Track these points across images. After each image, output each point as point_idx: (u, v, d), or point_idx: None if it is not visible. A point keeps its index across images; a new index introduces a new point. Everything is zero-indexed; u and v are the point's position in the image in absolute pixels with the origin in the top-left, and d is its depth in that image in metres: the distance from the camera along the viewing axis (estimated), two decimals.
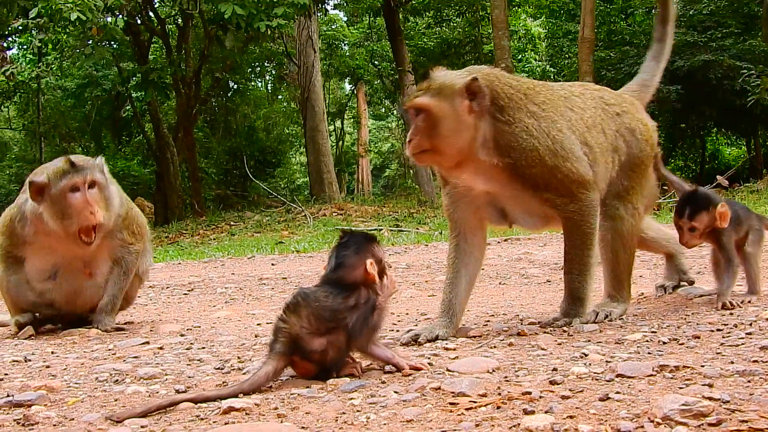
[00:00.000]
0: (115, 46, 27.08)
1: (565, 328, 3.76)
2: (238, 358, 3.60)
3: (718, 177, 16.98)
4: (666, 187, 16.30)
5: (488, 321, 4.35)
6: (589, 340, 3.43)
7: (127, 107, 32.58)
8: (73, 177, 4.61)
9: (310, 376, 3.03)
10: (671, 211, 14.53)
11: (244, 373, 3.25)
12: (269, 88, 42.06)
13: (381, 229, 16.01)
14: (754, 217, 4.42)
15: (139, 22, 24.32)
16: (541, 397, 2.56)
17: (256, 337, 4.20)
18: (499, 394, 2.63)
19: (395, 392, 2.73)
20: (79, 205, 4.57)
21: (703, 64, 23.95)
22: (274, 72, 39.49)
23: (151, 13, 24.54)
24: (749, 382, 2.56)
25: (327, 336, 2.99)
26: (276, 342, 3.01)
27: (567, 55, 31.06)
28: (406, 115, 4.05)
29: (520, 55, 35.95)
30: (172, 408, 2.72)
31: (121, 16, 20.03)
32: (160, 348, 4.02)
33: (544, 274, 6.93)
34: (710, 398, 2.37)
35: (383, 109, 46.17)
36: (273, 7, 20.18)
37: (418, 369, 3.07)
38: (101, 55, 23.37)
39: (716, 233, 4.18)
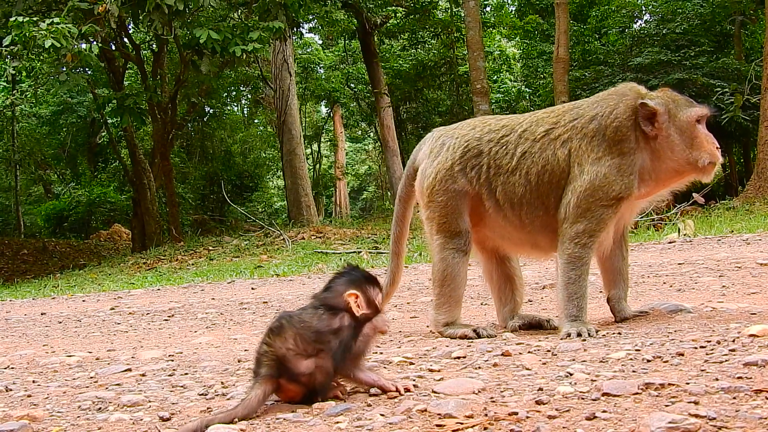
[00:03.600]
0: (89, 72, 27.05)
1: (548, 348, 3.77)
2: (222, 383, 3.57)
3: (694, 195, 17.15)
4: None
5: (472, 341, 4.35)
6: (573, 359, 3.43)
7: (103, 133, 32.51)
8: None
9: (296, 400, 3.01)
10: (648, 229, 14.68)
11: (228, 399, 3.22)
12: (245, 112, 42.12)
13: (360, 252, 16.00)
14: None
15: (113, 48, 24.27)
16: (528, 417, 2.55)
17: (239, 362, 4.17)
18: (486, 414, 2.62)
19: (381, 415, 2.72)
20: None
21: (677, 83, 24.17)
22: (249, 96, 39.57)
23: (125, 39, 24.50)
24: (734, 398, 2.56)
25: (314, 358, 2.98)
26: (261, 366, 2.98)
27: (542, 75, 31.30)
28: None
29: (496, 76, 36.18)
30: None
31: (95, 43, 19.96)
32: (143, 375, 3.98)
33: (525, 294, 6.93)
34: (696, 415, 2.37)
35: (360, 131, 46.31)
36: (248, 31, 20.22)
37: (406, 390, 3.07)
38: (76, 81, 23.31)
39: None
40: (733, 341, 3.48)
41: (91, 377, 4.03)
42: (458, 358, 3.71)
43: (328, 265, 13.66)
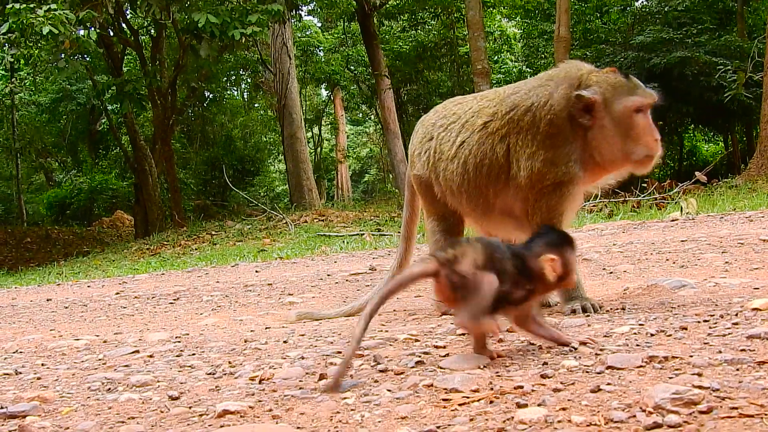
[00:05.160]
0: (88, 59, 26.98)
1: (553, 324, 3.79)
2: (230, 362, 3.61)
3: (696, 173, 17.17)
4: (645, 185, 16.45)
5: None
6: (578, 334, 3.45)
7: (103, 120, 32.49)
8: None
9: (442, 297, 3.17)
10: (650, 208, 14.68)
11: (236, 378, 3.24)
12: (245, 96, 42.03)
13: (363, 234, 16.04)
14: None
15: (111, 34, 24.23)
16: (533, 390, 2.58)
17: (245, 342, 4.20)
18: (492, 389, 2.64)
19: (388, 390, 2.75)
20: None
21: (680, 61, 24.13)
22: (249, 80, 39.46)
23: (123, 25, 24.46)
24: (738, 370, 2.58)
25: (486, 273, 3.06)
26: (441, 251, 3.15)
27: (543, 55, 31.26)
28: None
29: (497, 56, 36.09)
30: None
31: (93, 29, 19.90)
32: (150, 356, 4.01)
33: None
34: (700, 387, 2.39)
35: (360, 114, 46.26)
36: (247, 14, 20.16)
37: (583, 344, 3.18)
38: (75, 68, 23.28)
39: None
40: (736, 315, 3.50)
41: (100, 359, 4.06)
42: (463, 334, 3.74)
43: (331, 247, 13.70)
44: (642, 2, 31.57)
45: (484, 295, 3.04)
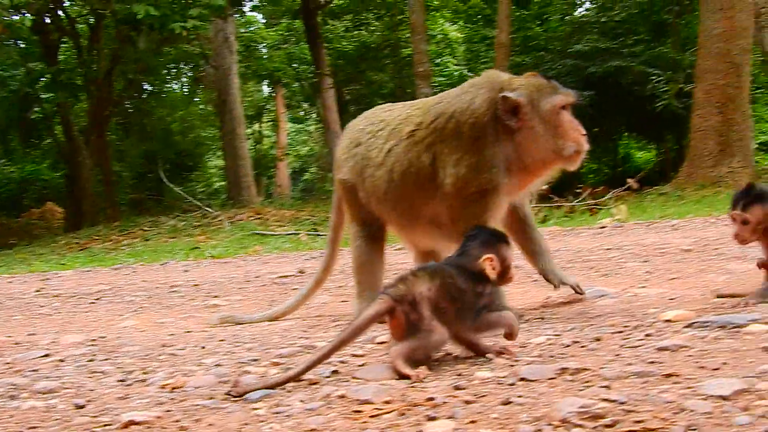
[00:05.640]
0: (22, 45, 26.39)
1: None
2: (143, 369, 3.54)
3: (628, 180, 17.42)
4: (579, 190, 16.68)
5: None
6: (495, 344, 3.46)
7: (36, 109, 31.75)
8: None
9: (396, 335, 3.12)
10: (583, 213, 14.88)
11: (147, 385, 3.18)
12: (185, 90, 41.54)
13: (299, 234, 15.95)
14: None
15: (48, 20, 23.73)
16: (444, 402, 2.57)
17: (162, 346, 4.12)
18: (404, 400, 2.63)
19: (300, 401, 2.72)
20: None
21: (616, 70, 24.55)
22: (190, 74, 39.02)
23: (60, 12, 23.98)
24: (645, 383, 2.61)
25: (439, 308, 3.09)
26: (389, 287, 3.13)
27: (484, 60, 31.45)
28: None
29: (439, 59, 36.21)
30: None
31: (28, 15, 19.49)
32: (61, 360, 3.91)
33: None
34: (607, 400, 2.41)
35: (302, 112, 46.06)
36: (188, 8, 19.93)
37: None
38: (7, 54, 22.78)
39: None
40: (649, 326, 3.55)
41: (8, 363, 3.94)
42: (382, 343, 3.72)
43: (266, 247, 13.60)
44: (581, 12, 32.02)
45: (429, 346, 3.10)
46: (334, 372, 3.13)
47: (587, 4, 32.51)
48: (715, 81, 18.87)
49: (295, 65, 37.17)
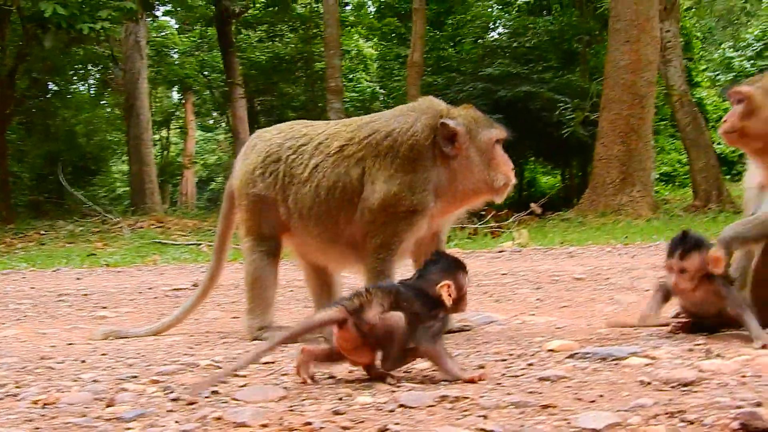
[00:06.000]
0: None
1: None
2: (16, 382, 3.39)
3: (532, 205, 17.71)
4: (484, 213, 16.88)
5: (284, 347, 4.30)
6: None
7: None
8: None
9: (345, 348, 3.16)
10: (485, 236, 15.07)
11: (19, 400, 3.05)
12: (92, 92, 40.67)
13: (200, 245, 15.70)
14: None
15: None
16: (322, 427, 2.53)
17: (41, 359, 3.97)
18: (281, 424, 2.58)
19: (176, 422, 2.64)
20: None
21: (525, 95, 25.02)
22: (98, 76, 38.25)
23: None
24: (522, 413, 2.62)
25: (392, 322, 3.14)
26: (347, 299, 3.20)
27: (397, 78, 31.67)
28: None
29: (352, 75, 36.34)
30: None
31: None
32: None
33: None
34: (483, 429, 2.41)
35: (211, 120, 45.61)
36: (98, 8, 19.52)
37: (480, 379, 3.16)
38: None
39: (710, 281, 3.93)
40: (533, 355, 3.58)
41: None
42: (267, 363, 3.67)
43: (164, 257, 13.34)
44: (494, 36, 32.55)
45: (397, 335, 3.13)
46: (214, 392, 3.05)
47: (500, 29, 33.11)
48: (620, 111, 19.41)
49: (206, 73, 36.81)
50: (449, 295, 3.32)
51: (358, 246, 4.50)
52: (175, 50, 38.77)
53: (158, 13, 33.52)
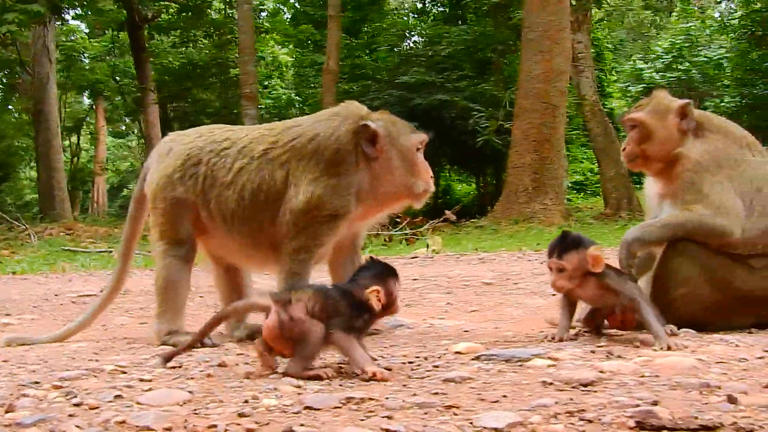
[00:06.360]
0: None
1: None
2: None
3: (446, 212, 17.85)
4: (399, 219, 16.97)
5: (193, 351, 4.26)
6: (285, 372, 3.44)
7: None
8: None
9: (269, 335, 3.34)
10: (400, 242, 15.15)
11: None
12: None
13: (111, 252, 15.42)
14: None
15: None
16: (226, 430, 2.52)
17: None
18: (185, 427, 2.56)
19: (77, 426, 2.59)
20: None
21: (440, 104, 25.24)
22: (5, 80, 37.28)
23: None
24: (426, 414, 2.65)
25: (313, 319, 3.30)
26: (281, 292, 3.45)
27: (312, 85, 31.65)
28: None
29: (267, 82, 36.16)
30: None
31: None
32: None
33: None
34: (387, 430, 2.43)
35: (123, 126, 44.89)
36: (4, 12, 19.03)
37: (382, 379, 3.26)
38: None
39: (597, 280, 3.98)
40: (439, 358, 3.63)
41: None
42: (173, 367, 3.63)
43: (73, 264, 13.06)
44: (409, 44, 32.80)
45: (310, 341, 3.28)
46: (118, 397, 3.01)
47: (416, 38, 33.38)
48: (533, 120, 19.71)
49: (118, 78, 36.18)
50: (378, 300, 3.44)
51: (279, 248, 4.50)
52: (86, 55, 38.00)
53: (68, 17, 32.79)
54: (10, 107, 39.09)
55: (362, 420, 2.59)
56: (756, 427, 2.41)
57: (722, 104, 32.98)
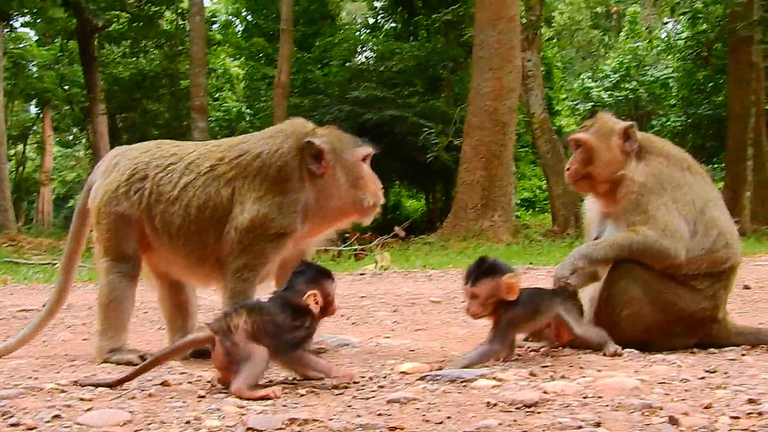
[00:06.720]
0: None
1: (209, 380, 3.73)
2: None
3: (396, 228, 17.87)
4: (348, 235, 16.95)
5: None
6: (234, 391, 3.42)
7: None
8: None
9: (216, 364, 3.44)
10: (349, 258, 15.12)
11: None
12: None
13: (55, 264, 15.16)
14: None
15: None
16: None
17: None
18: None
19: None
20: None
21: (391, 119, 25.36)
22: None
23: None
24: None
25: (255, 343, 3.37)
26: (214, 321, 3.47)
27: (264, 98, 31.58)
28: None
29: (218, 94, 36.01)
30: None
31: None
32: None
33: (197, 322, 6.86)
34: None
35: (71, 136, 44.30)
36: None
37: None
38: None
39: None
40: (384, 378, 3.62)
41: None
42: (114, 385, 3.57)
43: (16, 276, 12.79)
44: (360, 59, 32.90)
45: (254, 364, 3.34)
46: (56, 416, 2.95)
47: (367, 53, 33.49)
48: (482, 137, 19.81)
49: (66, 87, 35.72)
50: (316, 303, 3.52)
51: (224, 265, 4.46)
52: (34, 63, 37.48)
53: (16, 24, 32.35)
54: None
55: None
56: None
57: (668, 123, 33.64)
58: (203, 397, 3.36)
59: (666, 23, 43.87)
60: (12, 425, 2.85)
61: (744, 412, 2.86)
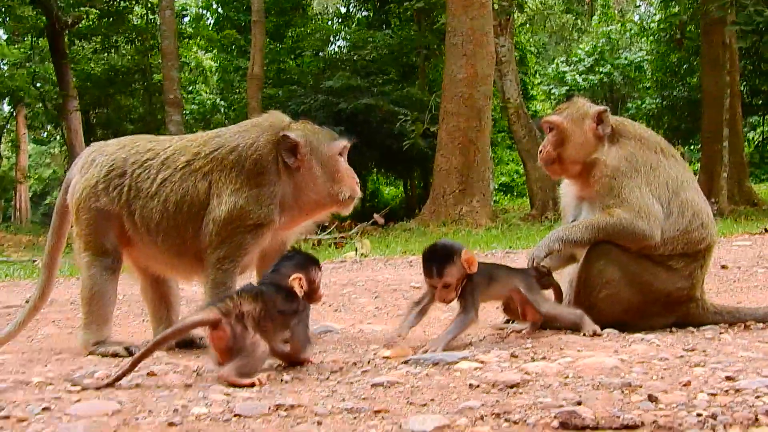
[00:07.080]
0: None
1: (194, 369, 3.77)
2: None
3: (375, 215, 17.91)
4: (327, 224, 16.96)
5: (122, 360, 4.23)
6: (215, 380, 3.45)
7: None
8: None
9: (219, 346, 3.40)
10: (329, 246, 15.16)
11: None
12: None
13: (35, 261, 15.10)
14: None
15: None
16: None
17: None
18: None
19: None
20: None
21: (366, 108, 25.35)
22: None
23: None
24: (355, 418, 2.70)
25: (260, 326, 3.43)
26: (219, 301, 3.48)
27: (237, 90, 31.48)
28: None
29: (191, 87, 35.83)
30: None
31: None
32: None
33: (180, 313, 6.88)
34: None
35: (45, 134, 43.97)
36: None
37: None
38: None
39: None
40: (368, 363, 3.67)
41: None
42: (102, 378, 3.60)
43: None
44: (333, 49, 32.84)
45: (256, 360, 3.39)
46: (46, 409, 2.98)
47: (340, 42, 33.43)
48: (458, 123, 19.86)
49: (38, 85, 35.43)
50: (301, 287, 3.60)
51: (204, 258, 4.49)
52: (5, 61, 37.11)
53: None
54: None
55: (292, 427, 2.63)
56: (675, 425, 2.50)
57: (644, 106, 33.81)
58: (190, 385, 3.39)
59: (638, 6, 44.10)
60: (3, 417, 2.86)
61: (722, 389, 2.91)
